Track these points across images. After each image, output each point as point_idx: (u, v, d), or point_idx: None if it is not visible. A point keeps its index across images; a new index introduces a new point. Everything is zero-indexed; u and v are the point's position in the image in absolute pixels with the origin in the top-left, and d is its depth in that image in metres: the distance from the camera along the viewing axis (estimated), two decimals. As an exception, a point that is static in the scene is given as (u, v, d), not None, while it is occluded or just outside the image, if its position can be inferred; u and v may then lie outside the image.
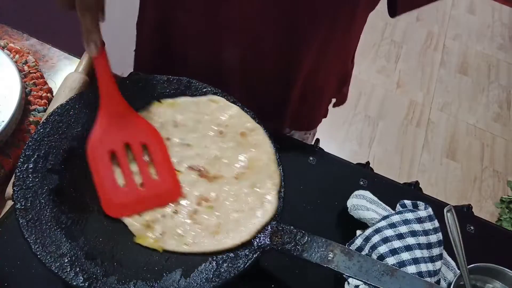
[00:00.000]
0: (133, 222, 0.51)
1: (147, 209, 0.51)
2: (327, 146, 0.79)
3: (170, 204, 0.53)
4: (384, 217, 0.62)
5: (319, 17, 0.67)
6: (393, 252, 0.58)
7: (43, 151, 0.54)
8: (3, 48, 0.77)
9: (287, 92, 0.78)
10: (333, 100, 0.91)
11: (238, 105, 0.62)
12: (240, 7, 0.66)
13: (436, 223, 0.61)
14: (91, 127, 0.56)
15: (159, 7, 0.73)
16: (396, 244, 0.59)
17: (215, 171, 0.56)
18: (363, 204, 0.64)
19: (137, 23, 0.81)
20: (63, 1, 0.50)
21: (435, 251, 0.60)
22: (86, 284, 0.46)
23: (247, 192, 0.54)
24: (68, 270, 0.46)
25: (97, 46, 0.52)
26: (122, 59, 0.57)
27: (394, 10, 0.67)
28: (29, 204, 0.49)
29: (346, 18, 0.69)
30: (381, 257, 0.58)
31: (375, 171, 0.75)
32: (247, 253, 0.51)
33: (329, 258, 0.50)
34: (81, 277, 0.46)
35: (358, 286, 0.58)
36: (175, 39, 0.75)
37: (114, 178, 0.52)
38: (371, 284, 0.50)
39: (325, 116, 0.92)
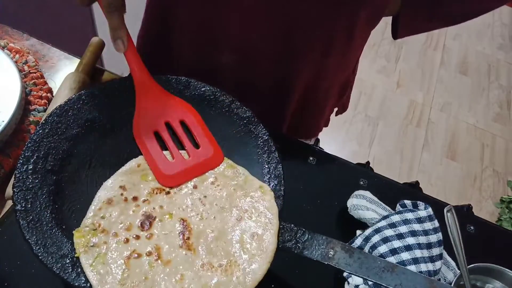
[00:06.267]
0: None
1: (196, 176, 0.56)
2: (327, 146, 0.79)
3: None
4: (384, 217, 0.62)
5: (316, 32, 0.68)
6: (393, 252, 0.58)
7: (42, 152, 0.54)
8: (3, 48, 0.77)
9: (284, 102, 0.78)
10: (335, 110, 0.92)
11: (236, 104, 0.62)
12: (239, 17, 0.66)
13: (436, 223, 0.61)
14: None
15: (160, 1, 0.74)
16: (396, 244, 0.59)
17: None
18: (363, 204, 0.64)
19: (145, 11, 0.81)
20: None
21: (435, 251, 0.60)
22: (88, 285, 0.46)
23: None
24: (69, 270, 0.47)
25: (124, 43, 0.55)
26: (122, 59, 0.57)
27: (395, 34, 0.75)
28: (29, 206, 0.49)
29: (344, 34, 0.70)
30: (381, 257, 0.58)
31: (375, 171, 0.75)
32: (247, 253, 0.51)
33: (329, 255, 0.50)
34: (83, 278, 0.46)
35: (358, 286, 0.58)
36: (174, 31, 0.75)
37: (163, 155, 0.57)
38: (372, 281, 0.50)
39: (326, 125, 0.93)
